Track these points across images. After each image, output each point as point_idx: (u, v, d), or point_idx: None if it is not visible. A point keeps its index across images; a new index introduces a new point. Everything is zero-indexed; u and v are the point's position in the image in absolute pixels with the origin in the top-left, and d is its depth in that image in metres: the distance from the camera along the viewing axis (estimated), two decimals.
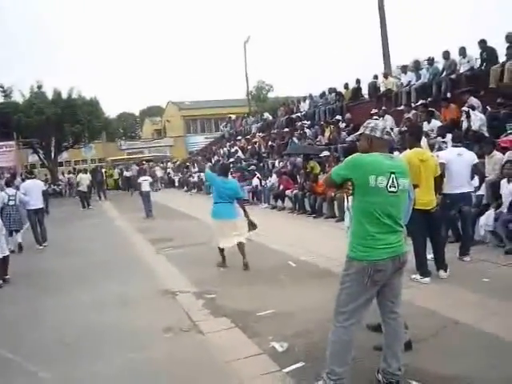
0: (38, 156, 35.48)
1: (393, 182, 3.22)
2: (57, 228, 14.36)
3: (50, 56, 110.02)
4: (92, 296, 6.67)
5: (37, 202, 11.50)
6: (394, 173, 3.24)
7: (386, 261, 3.21)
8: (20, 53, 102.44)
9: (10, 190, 10.58)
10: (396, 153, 7.83)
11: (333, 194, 11.80)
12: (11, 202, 10.21)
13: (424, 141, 10.02)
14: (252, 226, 7.74)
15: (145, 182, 16.79)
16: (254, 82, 52.20)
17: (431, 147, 9.89)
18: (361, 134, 3.47)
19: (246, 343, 4.59)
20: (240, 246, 7.69)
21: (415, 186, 5.01)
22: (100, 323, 5.54)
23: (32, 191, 11.45)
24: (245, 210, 7.79)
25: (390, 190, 3.22)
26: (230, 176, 8.58)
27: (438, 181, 6.15)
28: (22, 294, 7.26)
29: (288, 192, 14.78)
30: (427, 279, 5.99)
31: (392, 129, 10.47)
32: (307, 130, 18.92)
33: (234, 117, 33.17)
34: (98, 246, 11.13)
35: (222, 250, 7.84)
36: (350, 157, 3.36)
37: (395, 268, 3.29)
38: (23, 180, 15.83)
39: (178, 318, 5.44)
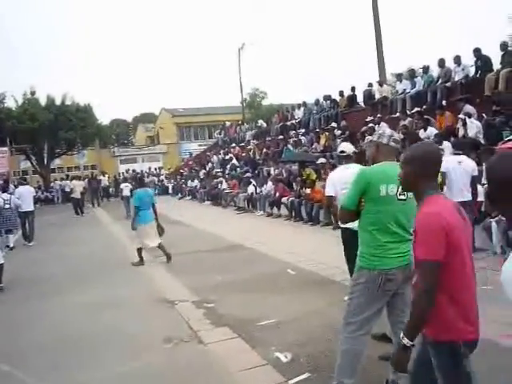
0: (31, 162, 35.07)
1: (402, 189, 3.18)
2: (50, 235, 14.24)
3: (42, 62, 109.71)
4: (87, 305, 6.52)
5: (28, 206, 13.20)
6: None
7: (397, 270, 3.17)
8: (11, 59, 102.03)
9: (5, 195, 11.37)
10: None
11: None
12: (7, 206, 11.07)
13: None
14: (161, 229, 9.21)
15: (126, 188, 18.77)
16: (248, 89, 52.08)
17: None
18: (370, 141, 3.45)
19: (249, 353, 4.50)
20: (161, 245, 9.15)
21: None
22: (97, 332, 5.44)
23: (24, 196, 13.10)
24: (156, 215, 9.24)
25: (399, 197, 3.19)
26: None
27: None
28: (17, 300, 7.16)
29: (284, 199, 14.73)
30: None
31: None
32: (302, 138, 18.93)
33: (228, 123, 33.10)
34: (92, 253, 11.00)
35: (141, 250, 9.14)
36: (357, 173, 3.33)
37: (405, 277, 3.23)
38: (16, 186, 16.57)
39: (179, 328, 5.35)
